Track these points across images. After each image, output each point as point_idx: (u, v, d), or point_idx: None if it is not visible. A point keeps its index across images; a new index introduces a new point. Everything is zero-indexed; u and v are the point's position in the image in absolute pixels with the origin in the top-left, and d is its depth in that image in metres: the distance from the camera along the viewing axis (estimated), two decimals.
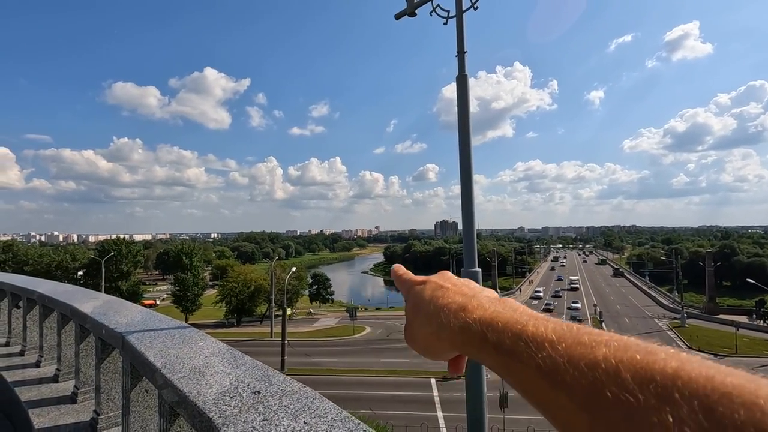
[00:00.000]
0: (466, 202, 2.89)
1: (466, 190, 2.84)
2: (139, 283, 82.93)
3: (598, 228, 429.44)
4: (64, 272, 73.60)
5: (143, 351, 2.52)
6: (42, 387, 4.65)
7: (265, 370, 2.11)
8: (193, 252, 79.74)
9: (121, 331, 3.05)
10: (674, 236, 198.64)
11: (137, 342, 2.73)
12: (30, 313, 6.00)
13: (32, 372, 5.21)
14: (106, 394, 3.63)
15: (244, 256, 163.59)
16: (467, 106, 3.02)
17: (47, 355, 5.43)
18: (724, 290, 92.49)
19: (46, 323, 5.45)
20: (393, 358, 43.71)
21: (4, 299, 7.09)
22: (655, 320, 61.91)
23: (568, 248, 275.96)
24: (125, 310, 4.02)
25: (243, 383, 1.93)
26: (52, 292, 5.27)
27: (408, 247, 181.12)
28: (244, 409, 1.64)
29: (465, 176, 2.95)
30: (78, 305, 4.23)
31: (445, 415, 29.45)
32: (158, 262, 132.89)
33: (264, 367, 2.19)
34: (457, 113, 3.08)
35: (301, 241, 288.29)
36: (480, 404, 3.10)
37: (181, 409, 1.89)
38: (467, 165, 3.00)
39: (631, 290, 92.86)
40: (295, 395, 1.77)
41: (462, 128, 3.04)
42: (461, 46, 3.32)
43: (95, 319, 3.62)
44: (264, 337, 54.70)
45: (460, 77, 3.27)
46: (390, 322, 64.46)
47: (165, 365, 2.22)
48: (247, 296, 65.27)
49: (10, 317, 6.80)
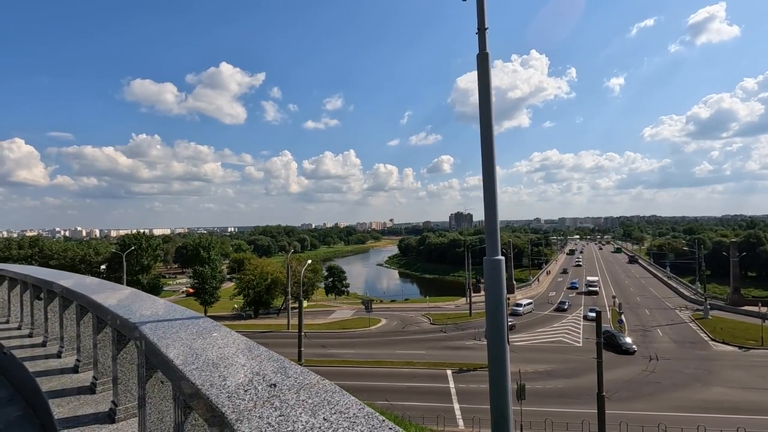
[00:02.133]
0: (489, 188, 2.80)
1: (488, 176, 2.73)
2: (159, 277, 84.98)
3: (616, 218, 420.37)
4: (87, 266, 75.80)
5: (156, 342, 2.48)
6: (63, 377, 4.71)
7: (281, 362, 2.04)
8: (210, 246, 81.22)
9: (135, 322, 3.01)
10: (696, 226, 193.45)
11: (151, 333, 2.69)
12: (51, 304, 6.09)
13: (54, 362, 5.29)
14: (124, 385, 3.63)
15: (260, 250, 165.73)
16: (489, 86, 2.86)
17: (68, 346, 5.51)
18: (749, 281, 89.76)
19: (65, 315, 5.51)
20: (408, 349, 43.80)
21: (26, 291, 7.22)
22: (676, 312, 60.47)
23: (585, 239, 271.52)
24: (142, 301, 4.00)
25: (259, 376, 1.85)
26: (73, 285, 5.32)
27: (422, 240, 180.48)
28: (260, 404, 1.55)
29: (487, 162, 2.83)
30: (95, 297, 4.24)
31: (461, 406, 29.41)
32: (177, 255, 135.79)
33: (280, 358, 2.11)
34: (479, 95, 2.93)
35: (316, 234, 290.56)
36: (504, 397, 3.04)
37: (195, 403, 1.82)
38: (489, 150, 2.88)
39: (652, 281, 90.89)
40: (314, 389, 1.68)
41: (483, 111, 2.89)
42: (482, 22, 3.11)
43: (111, 310, 3.61)
44: (281, 329, 55.44)
45: (480, 56, 3.09)
46: (405, 314, 64.56)
47: (179, 356, 2.16)
48: (264, 289, 66.18)
49: (32, 309, 6.92)
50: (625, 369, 36.11)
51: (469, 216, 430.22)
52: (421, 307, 70.49)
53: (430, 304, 71.87)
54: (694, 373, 35.16)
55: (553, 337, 47.51)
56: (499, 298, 3.65)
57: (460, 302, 74.86)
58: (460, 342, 46.72)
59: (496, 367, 3.17)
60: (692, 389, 32.12)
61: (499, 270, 3.33)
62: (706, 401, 29.88)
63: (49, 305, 6.10)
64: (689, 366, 36.87)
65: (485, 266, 3.85)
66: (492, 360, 3.22)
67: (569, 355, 40.55)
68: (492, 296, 3.77)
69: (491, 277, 3.88)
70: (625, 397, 30.18)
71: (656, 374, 35.24)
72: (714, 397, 30.57)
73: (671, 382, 33.47)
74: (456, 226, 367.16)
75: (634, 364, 37.84)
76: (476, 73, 2.99)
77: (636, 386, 32.73)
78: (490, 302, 3.84)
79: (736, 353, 41.42)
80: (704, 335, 47.28)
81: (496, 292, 3.75)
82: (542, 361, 38.77)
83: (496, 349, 3.13)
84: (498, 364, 3.19)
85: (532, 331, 50.71)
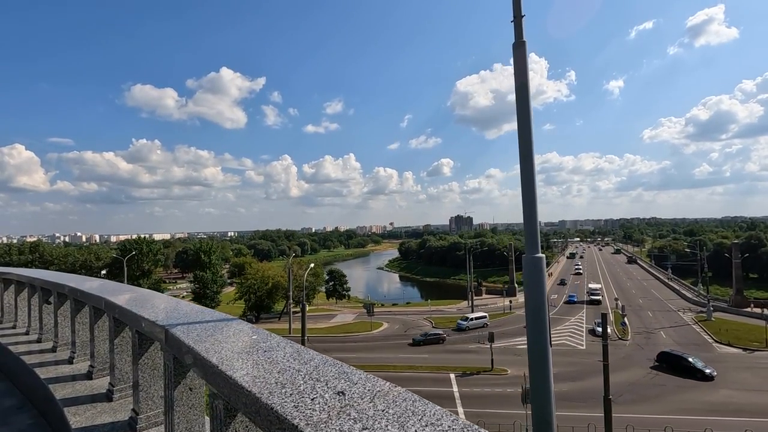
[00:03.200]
0: (527, 183, 2.64)
1: (527, 172, 2.57)
2: (159, 282, 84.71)
3: (616, 220, 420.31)
4: (88, 271, 75.54)
5: (193, 345, 2.25)
6: (76, 384, 4.51)
7: (339, 366, 1.81)
8: (211, 250, 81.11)
9: (163, 323, 2.79)
10: (697, 228, 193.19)
11: (184, 335, 2.46)
12: (61, 308, 5.90)
13: (65, 368, 5.10)
14: (145, 392, 3.41)
15: (260, 254, 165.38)
16: (526, 76, 2.73)
17: (80, 351, 5.32)
18: (751, 282, 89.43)
19: (78, 318, 5.31)
20: (411, 353, 43.63)
21: (35, 295, 6.99)
22: (679, 314, 60.31)
23: (586, 241, 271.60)
24: (162, 301, 3.79)
25: (320, 382, 1.65)
26: (84, 286, 5.17)
27: (423, 243, 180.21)
28: (334, 415, 1.36)
29: (525, 157, 2.67)
30: (112, 298, 4.05)
31: (465, 410, 29.20)
32: (178, 260, 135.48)
33: (337, 362, 1.89)
34: (515, 86, 2.79)
35: (316, 238, 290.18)
36: (547, 403, 2.80)
37: (251, 414, 1.62)
38: (527, 145, 2.73)
39: (653, 283, 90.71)
40: (389, 396, 1.48)
41: (521, 103, 2.76)
42: (518, 9, 2.99)
43: (132, 311, 3.37)
44: (282, 333, 55.06)
45: (516, 45, 2.94)
46: (407, 317, 64.33)
47: (222, 362, 1.93)
48: (265, 293, 66.01)
49: (41, 314, 6.71)
50: (629, 372, 35.92)
51: (469, 219, 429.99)
52: (422, 311, 70.28)
53: (432, 308, 71.67)
54: None
55: (556, 340, 47.26)
56: (540, 298, 3.45)
57: (461, 305, 74.64)
58: (463, 345, 46.54)
59: (538, 372, 2.96)
60: (697, 391, 31.93)
61: (540, 268, 3.16)
62: (712, 403, 29.69)
63: (59, 309, 5.90)
64: None
65: (525, 265, 3.63)
66: (533, 365, 3.01)
67: (573, 358, 40.34)
68: (533, 297, 3.55)
69: (532, 276, 3.65)
70: (630, 400, 29.99)
71: (660, 377, 35.06)
72: (719, 400, 30.38)
73: (676, 385, 33.28)
74: (456, 229, 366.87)
75: (638, 366, 37.64)
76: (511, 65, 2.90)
77: (641, 389, 32.56)
78: (531, 303, 3.61)
79: (741, 355, 41.23)
80: (708, 337, 47.10)
81: (537, 292, 3.51)
82: None
83: (538, 354, 2.94)
84: (540, 369, 2.97)
85: None
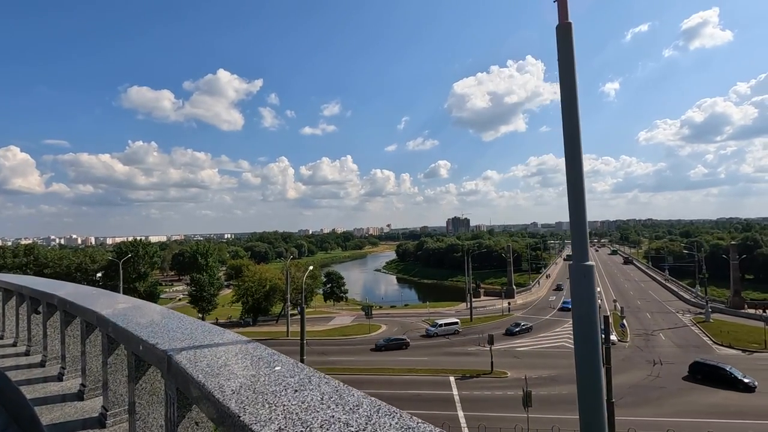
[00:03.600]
0: (574, 182, 2.25)
1: (574, 169, 2.21)
2: (156, 284, 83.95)
3: (613, 222, 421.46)
4: (83, 274, 74.84)
5: (203, 381, 1.86)
6: (66, 406, 4.14)
7: (398, 418, 1.49)
8: (208, 252, 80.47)
9: (164, 347, 2.41)
10: (692, 229, 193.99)
11: (190, 365, 2.09)
12: (50, 319, 5.53)
13: (54, 387, 4.71)
14: (143, 421, 3.05)
15: (257, 256, 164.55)
16: (572, 59, 2.34)
17: (70, 367, 4.95)
18: (747, 283, 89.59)
19: (68, 331, 4.94)
20: (410, 356, 43.29)
21: (23, 303, 6.62)
22: (678, 315, 60.30)
23: None
24: (161, 316, 3.41)
25: None
26: (74, 296, 4.80)
27: (420, 245, 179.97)
28: None
29: (572, 153, 2.28)
30: (105, 312, 3.69)
31: (466, 414, 28.91)
32: (174, 262, 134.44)
33: (393, 410, 1.58)
34: (560, 73, 2.43)
35: (313, 240, 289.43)
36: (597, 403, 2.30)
37: None
38: (574, 138, 2.32)
39: (651, 285, 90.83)
40: None
41: (567, 88, 2.37)
42: None
43: (128, 330, 3.02)
44: (280, 336, 54.74)
45: (561, 27, 2.59)
46: (406, 319, 64.00)
47: (243, 407, 1.55)
48: (262, 295, 65.44)
49: (29, 324, 6.31)
50: (629, 374, 35.74)
51: (466, 221, 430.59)
52: (421, 313, 69.96)
53: (431, 310, 71.35)
54: None
55: (556, 341, 47.12)
56: (591, 311, 2.93)
57: (460, 307, 74.37)
58: (462, 348, 46.26)
59: (588, 397, 2.42)
60: (698, 393, 31.79)
61: (590, 278, 2.86)
62: (713, 405, 29.55)
63: (49, 320, 5.54)
64: None
65: (573, 273, 3.09)
66: (583, 389, 2.49)
67: (572, 360, 39.99)
68: (582, 308, 3.03)
69: (581, 286, 3.11)
70: (631, 403, 29.79)
71: (661, 379, 34.91)
72: (720, 402, 30.25)
73: (677, 387, 33.13)
74: (453, 230, 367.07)
75: (638, 368, 37.48)
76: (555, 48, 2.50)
77: (642, 391, 32.38)
78: (580, 316, 3.09)
79: (740, 356, 41.16)
80: (707, 339, 47.03)
81: (587, 303, 2.99)
82: (546, 366, 38.34)
83: (589, 376, 2.44)
84: (591, 393, 2.40)
85: (534, 336, 50.33)
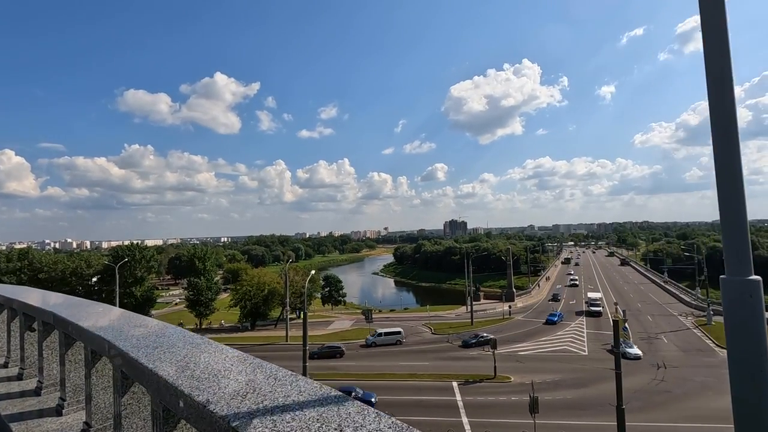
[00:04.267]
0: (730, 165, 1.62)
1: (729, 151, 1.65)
2: (152, 288, 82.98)
3: (609, 224, 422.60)
4: (79, 279, 73.70)
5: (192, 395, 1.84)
6: (44, 422, 3.92)
7: None
8: (206, 256, 79.71)
9: (152, 367, 2.31)
10: (689, 231, 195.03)
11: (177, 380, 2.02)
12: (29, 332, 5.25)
13: (32, 401, 4.50)
14: None
15: (254, 260, 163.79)
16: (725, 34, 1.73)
17: (48, 381, 4.71)
18: None
19: (46, 343, 4.71)
20: (411, 360, 42.80)
21: (15, 319, 6.11)
22: (679, 318, 60.16)
23: (580, 245, 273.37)
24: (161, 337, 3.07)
25: None
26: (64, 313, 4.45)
27: (418, 248, 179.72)
28: None
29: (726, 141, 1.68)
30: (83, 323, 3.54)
31: (470, 420, 28.47)
32: (170, 266, 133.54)
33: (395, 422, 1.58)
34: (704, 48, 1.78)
35: (310, 243, 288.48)
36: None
37: None
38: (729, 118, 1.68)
39: (651, 287, 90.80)
40: None
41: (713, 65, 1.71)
42: None
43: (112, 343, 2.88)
44: (279, 341, 54.13)
45: None
46: (405, 323, 63.47)
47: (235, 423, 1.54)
48: (261, 300, 64.79)
49: (9, 333, 5.98)
50: (634, 378, 35.41)
51: (463, 223, 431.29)
52: (421, 317, 69.49)
53: (430, 313, 70.89)
54: (704, 381, 34.54)
55: (558, 345, 46.80)
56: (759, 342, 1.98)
57: (460, 311, 74.03)
58: (464, 352, 45.83)
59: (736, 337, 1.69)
60: (704, 398, 31.50)
61: (758, 298, 2.02)
62: (720, 410, 29.18)
63: (26, 330, 5.25)
64: (699, 374, 36.26)
65: (729, 292, 2.14)
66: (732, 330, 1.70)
67: (575, 364, 39.82)
68: (744, 340, 2.04)
69: (744, 309, 2.09)
70: (636, 407, 29.42)
71: (666, 383, 34.62)
72: (727, 406, 29.30)
73: (682, 391, 32.85)
74: (451, 233, 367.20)
75: (642, 372, 37.18)
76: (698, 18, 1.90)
77: (647, 395, 32.06)
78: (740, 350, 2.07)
79: None
80: (710, 342, 46.80)
81: (753, 331, 2.02)
82: (549, 370, 37.98)
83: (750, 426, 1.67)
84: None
85: (536, 339, 49.97)
